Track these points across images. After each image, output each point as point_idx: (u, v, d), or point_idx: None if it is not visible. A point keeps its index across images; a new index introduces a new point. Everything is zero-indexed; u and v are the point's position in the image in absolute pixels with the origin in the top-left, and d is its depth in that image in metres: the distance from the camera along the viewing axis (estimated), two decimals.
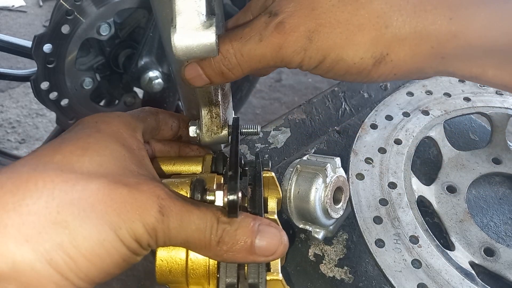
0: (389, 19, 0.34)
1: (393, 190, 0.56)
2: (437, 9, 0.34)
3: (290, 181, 0.52)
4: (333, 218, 0.52)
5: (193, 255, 0.38)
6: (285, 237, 0.36)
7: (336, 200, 0.53)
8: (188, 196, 0.38)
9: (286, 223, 0.52)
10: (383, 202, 0.55)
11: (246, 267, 0.37)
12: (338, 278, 0.53)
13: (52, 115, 1.11)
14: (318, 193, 0.50)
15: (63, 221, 0.30)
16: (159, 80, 1.04)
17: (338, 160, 0.54)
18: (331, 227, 0.55)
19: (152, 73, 1.03)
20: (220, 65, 0.37)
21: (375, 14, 0.34)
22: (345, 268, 0.54)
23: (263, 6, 0.39)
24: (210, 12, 0.34)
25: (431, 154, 0.66)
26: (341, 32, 0.35)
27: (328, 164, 0.51)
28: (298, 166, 0.53)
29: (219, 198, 0.38)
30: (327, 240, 0.56)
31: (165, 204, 0.33)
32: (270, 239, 0.35)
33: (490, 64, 0.35)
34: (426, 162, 0.65)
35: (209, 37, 0.33)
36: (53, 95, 0.99)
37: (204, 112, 0.46)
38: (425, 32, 0.34)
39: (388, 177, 0.57)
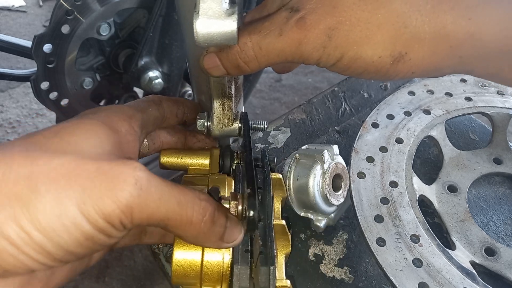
0: (408, 19, 0.34)
1: (394, 189, 0.56)
2: (454, 10, 0.34)
3: (289, 169, 0.53)
4: (334, 205, 0.52)
5: (208, 257, 0.40)
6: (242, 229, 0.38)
7: (336, 188, 0.53)
8: None
9: (286, 224, 0.52)
10: (384, 201, 0.55)
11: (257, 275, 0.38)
12: (338, 278, 0.53)
13: (52, 115, 1.11)
14: (316, 179, 0.51)
15: (18, 193, 0.28)
16: (159, 80, 1.04)
17: (335, 147, 0.54)
18: (332, 215, 0.54)
19: (152, 73, 1.03)
20: (237, 57, 0.37)
21: (395, 14, 0.34)
22: (345, 268, 0.54)
23: (281, 3, 0.39)
24: (231, 1, 0.34)
25: (432, 153, 0.66)
26: (361, 30, 0.35)
27: (325, 151, 0.52)
28: (297, 154, 0.53)
29: (233, 207, 0.39)
30: (327, 240, 0.56)
31: (143, 176, 0.30)
32: (234, 230, 0.37)
33: (506, 63, 0.36)
34: (427, 162, 0.65)
35: (230, 25, 0.34)
36: (53, 95, 0.99)
37: (216, 104, 0.47)
38: (444, 32, 0.34)
39: (389, 176, 0.57)
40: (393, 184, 0.56)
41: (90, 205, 0.29)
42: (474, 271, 0.50)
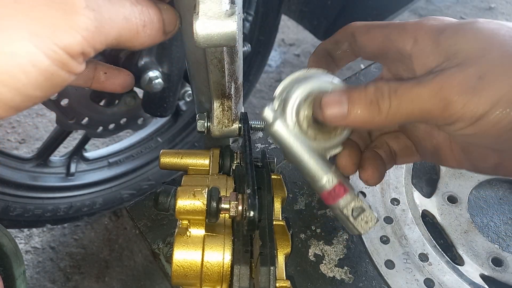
0: None
1: (396, 206, 0.56)
2: None
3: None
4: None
5: (208, 257, 0.40)
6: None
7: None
8: (204, 205, 0.39)
9: (286, 224, 0.52)
10: (388, 220, 0.54)
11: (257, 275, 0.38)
12: (338, 278, 0.53)
13: (52, 115, 1.11)
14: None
15: None
16: (159, 80, 1.04)
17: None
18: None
19: (152, 73, 1.03)
20: (372, 98, 0.37)
21: None
22: (345, 268, 0.54)
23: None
24: (231, 1, 0.34)
25: (428, 164, 0.66)
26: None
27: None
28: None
29: (233, 207, 0.39)
30: (327, 240, 0.56)
31: None
32: (171, 19, 0.36)
33: None
34: (423, 173, 0.64)
35: (230, 25, 0.34)
36: (53, 95, 0.99)
37: (216, 105, 0.47)
38: None
39: (390, 193, 0.57)
40: (395, 202, 0.56)
41: (46, 37, 0.25)
42: (486, 285, 0.49)
